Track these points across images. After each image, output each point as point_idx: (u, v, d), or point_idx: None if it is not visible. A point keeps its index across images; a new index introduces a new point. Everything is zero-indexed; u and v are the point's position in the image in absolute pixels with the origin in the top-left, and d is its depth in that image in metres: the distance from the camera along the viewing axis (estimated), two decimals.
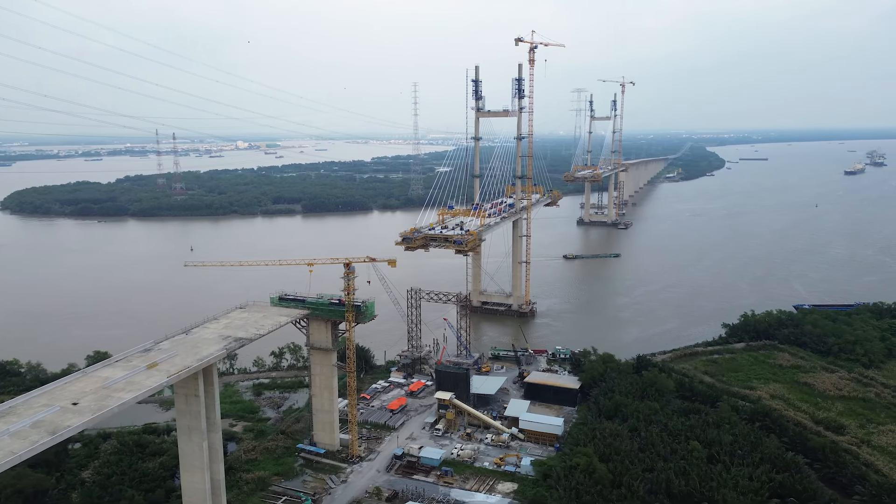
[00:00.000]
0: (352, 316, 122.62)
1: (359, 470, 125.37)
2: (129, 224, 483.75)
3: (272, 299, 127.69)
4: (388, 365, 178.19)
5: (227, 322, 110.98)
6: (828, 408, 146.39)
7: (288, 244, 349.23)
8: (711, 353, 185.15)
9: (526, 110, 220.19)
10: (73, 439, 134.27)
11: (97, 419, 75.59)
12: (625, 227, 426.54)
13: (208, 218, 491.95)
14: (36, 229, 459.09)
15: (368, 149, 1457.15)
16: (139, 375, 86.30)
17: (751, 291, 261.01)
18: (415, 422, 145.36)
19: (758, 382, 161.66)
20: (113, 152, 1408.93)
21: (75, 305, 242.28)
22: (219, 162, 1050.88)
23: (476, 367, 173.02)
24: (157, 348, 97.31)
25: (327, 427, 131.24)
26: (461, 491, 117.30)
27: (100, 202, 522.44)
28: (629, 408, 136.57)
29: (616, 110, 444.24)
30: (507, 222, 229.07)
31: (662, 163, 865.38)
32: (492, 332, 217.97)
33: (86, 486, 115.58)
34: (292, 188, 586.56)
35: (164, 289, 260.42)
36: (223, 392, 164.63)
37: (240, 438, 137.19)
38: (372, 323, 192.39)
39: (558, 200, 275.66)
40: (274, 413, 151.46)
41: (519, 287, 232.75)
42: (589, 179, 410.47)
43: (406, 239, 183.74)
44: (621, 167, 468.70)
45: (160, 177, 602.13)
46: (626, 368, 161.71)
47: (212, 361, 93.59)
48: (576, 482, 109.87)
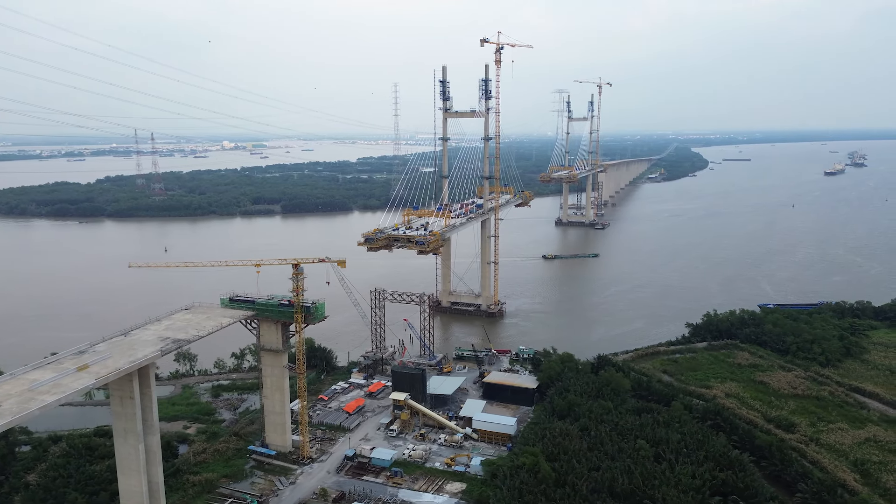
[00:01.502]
0: (301, 317, 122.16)
1: (309, 471, 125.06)
2: (106, 225, 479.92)
3: (222, 300, 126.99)
4: (351, 366, 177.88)
5: (168, 323, 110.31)
6: (780, 406, 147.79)
7: (261, 244, 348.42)
8: (673, 353, 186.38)
9: (493, 111, 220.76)
10: (22, 442, 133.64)
11: (16, 421, 74.92)
12: (602, 228, 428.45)
13: (187, 219, 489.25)
14: (9, 230, 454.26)
15: (355, 149, 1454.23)
16: (68, 378, 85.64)
17: (720, 291, 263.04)
18: (371, 423, 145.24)
19: (715, 381, 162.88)
20: (97, 152, 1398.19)
21: (41, 307, 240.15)
22: (203, 162, 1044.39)
23: (438, 367, 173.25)
24: (91, 350, 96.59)
25: (279, 428, 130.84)
26: (409, 491, 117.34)
27: (77, 203, 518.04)
28: (582, 407, 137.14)
29: (593, 111, 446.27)
30: (475, 223, 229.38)
31: (646, 163, 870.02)
32: (460, 333, 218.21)
33: (30, 490, 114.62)
34: (273, 189, 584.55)
35: (133, 290, 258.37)
36: (182, 394, 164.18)
37: (191, 440, 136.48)
38: (338, 324, 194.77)
39: (530, 201, 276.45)
40: (230, 415, 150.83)
41: (488, 287, 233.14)
42: (565, 180, 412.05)
43: (368, 240, 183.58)
44: (599, 168, 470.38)
45: (140, 177, 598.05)
46: (585, 368, 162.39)
47: (145, 363, 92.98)
48: (520, 481, 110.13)
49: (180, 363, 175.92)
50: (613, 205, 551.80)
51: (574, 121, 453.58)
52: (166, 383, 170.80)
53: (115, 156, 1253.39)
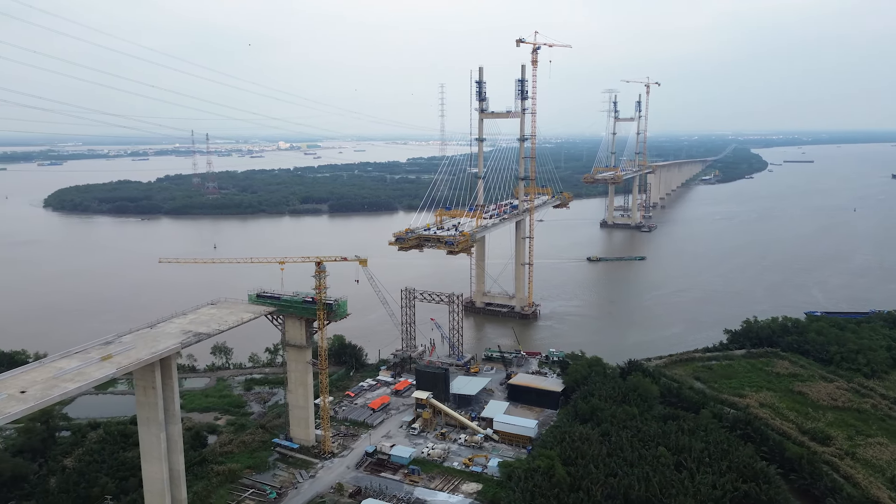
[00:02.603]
0: (323, 314, 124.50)
1: (329, 466, 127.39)
2: (163, 222, 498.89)
3: (250, 296, 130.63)
4: (380, 364, 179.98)
5: (193, 317, 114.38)
6: (817, 418, 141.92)
7: (306, 243, 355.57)
8: (709, 360, 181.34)
9: (529, 111, 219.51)
10: (63, 427, 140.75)
11: (38, 407, 79.25)
12: (648, 230, 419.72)
13: (238, 217, 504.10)
14: (72, 226, 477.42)
15: (407, 150, 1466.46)
16: (91, 367, 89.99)
17: (766, 297, 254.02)
18: (394, 420, 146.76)
19: (749, 390, 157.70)
20: (160, 152, 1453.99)
21: (93, 301, 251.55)
22: (258, 162, 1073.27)
23: (465, 367, 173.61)
24: (118, 341, 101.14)
25: (302, 423, 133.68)
26: (425, 490, 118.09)
27: (136, 200, 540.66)
28: (605, 412, 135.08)
29: (641, 111, 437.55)
30: (509, 224, 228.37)
31: (700, 165, 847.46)
32: (492, 334, 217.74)
33: (65, 473, 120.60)
34: (321, 188, 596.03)
35: (175, 285, 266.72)
36: (216, 386, 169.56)
37: (220, 431, 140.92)
38: (372, 322, 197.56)
39: (569, 202, 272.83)
40: (259, 408, 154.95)
41: (522, 289, 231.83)
42: (610, 181, 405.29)
43: (399, 239, 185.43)
44: (647, 169, 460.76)
45: (195, 176, 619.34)
46: (613, 373, 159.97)
47: (165, 355, 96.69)
48: (533, 484, 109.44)
49: (216, 356, 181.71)
50: (662, 207, 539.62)
51: (621, 121, 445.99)
52: (202, 375, 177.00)
53: (177, 155, 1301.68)
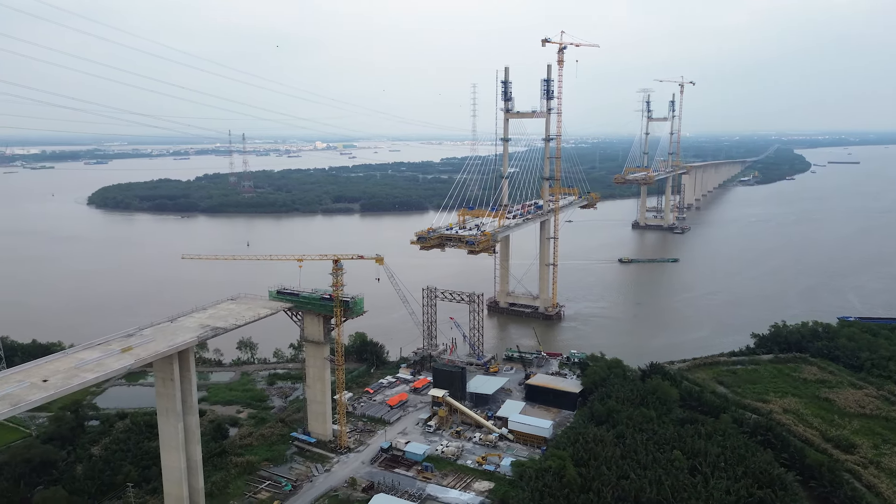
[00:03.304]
0: (340, 311, 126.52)
1: (345, 460, 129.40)
2: (200, 220, 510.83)
3: (270, 293, 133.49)
4: (401, 362, 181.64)
5: (212, 312, 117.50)
6: (843, 425, 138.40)
7: (333, 241, 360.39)
8: (734, 364, 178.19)
9: (554, 111, 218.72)
10: (92, 416, 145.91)
11: (57, 395, 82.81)
12: (681, 232, 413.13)
13: (272, 215, 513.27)
14: (113, 223, 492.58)
15: (441, 150, 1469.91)
16: (111, 358, 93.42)
17: (798, 301, 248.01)
18: (411, 417, 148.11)
19: (774, 396, 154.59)
20: (200, 151, 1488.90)
21: (125, 296, 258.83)
22: (295, 162, 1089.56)
23: (485, 367, 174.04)
24: (139, 333, 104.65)
25: (320, 417, 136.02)
26: (437, 486, 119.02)
27: (175, 198, 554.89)
28: (621, 414, 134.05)
29: (674, 111, 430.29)
30: (532, 224, 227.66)
31: (739, 166, 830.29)
32: (515, 334, 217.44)
33: (92, 460, 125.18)
34: (354, 188, 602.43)
35: (208, 280, 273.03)
36: (240, 380, 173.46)
37: (241, 424, 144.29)
38: (396, 321, 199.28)
39: (596, 203, 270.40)
40: (280, 402, 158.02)
41: (546, 289, 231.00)
42: (641, 182, 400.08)
43: (421, 238, 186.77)
44: (681, 170, 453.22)
45: (232, 175, 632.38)
46: (633, 375, 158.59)
47: (182, 348, 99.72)
48: (543, 484, 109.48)
49: (242, 351, 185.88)
50: (697, 208, 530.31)
51: (655, 121, 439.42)
52: (228, 369, 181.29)
53: (216, 155, 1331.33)
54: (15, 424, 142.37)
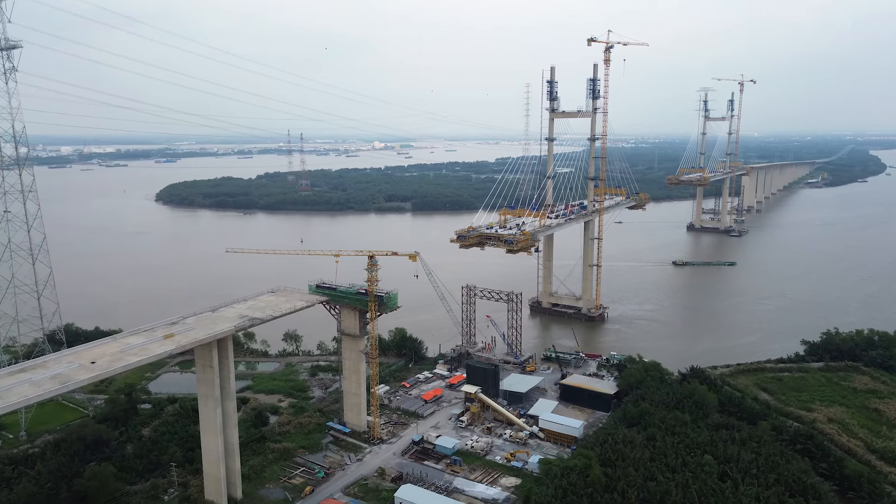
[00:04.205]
0: (374, 305, 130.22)
1: (377, 451, 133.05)
2: (259, 217, 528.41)
3: (310, 287, 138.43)
4: (438, 358, 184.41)
5: (252, 303, 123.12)
6: (891, 437, 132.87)
7: (382, 238, 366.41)
8: (781, 371, 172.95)
9: (600, 111, 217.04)
10: (145, 400, 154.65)
11: (102, 376, 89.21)
12: (738, 235, 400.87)
13: (327, 213, 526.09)
14: (177, 219, 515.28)
15: (498, 150, 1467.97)
16: (154, 343, 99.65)
17: (858, 309, 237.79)
18: (444, 412, 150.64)
19: (819, 404, 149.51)
20: (263, 151, 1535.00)
21: (183, 287, 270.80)
22: (353, 161, 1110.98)
23: (521, 366, 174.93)
24: (182, 322, 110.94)
25: (355, 408, 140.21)
26: (464, 480, 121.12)
27: (235, 196, 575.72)
28: (654, 416, 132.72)
29: (733, 110, 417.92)
30: (576, 224, 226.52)
31: (807, 167, 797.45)
32: (557, 334, 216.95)
33: (142, 441, 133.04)
34: (407, 187, 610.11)
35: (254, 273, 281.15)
36: (284, 370, 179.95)
37: (281, 412, 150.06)
38: (438, 318, 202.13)
39: (645, 204, 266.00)
40: (320, 393, 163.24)
41: (589, 290, 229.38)
42: (695, 183, 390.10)
43: (461, 237, 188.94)
44: (740, 171, 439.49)
45: (290, 174, 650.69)
46: (671, 378, 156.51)
47: (220, 336, 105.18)
48: (567, 482, 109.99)
49: (288, 343, 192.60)
50: (758, 211, 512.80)
51: (713, 120, 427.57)
52: (273, 360, 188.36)
53: (278, 154, 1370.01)
54: (75, 405, 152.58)
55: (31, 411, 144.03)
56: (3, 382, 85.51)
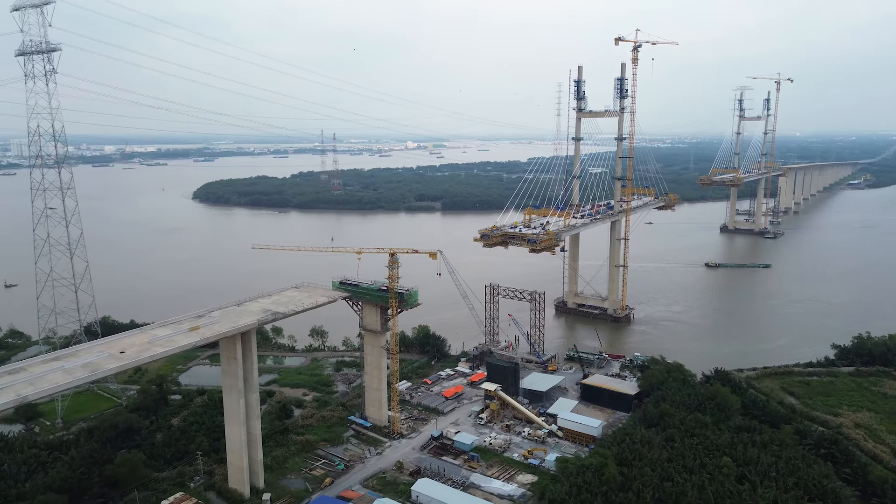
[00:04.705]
0: (395, 302, 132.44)
1: (397, 445, 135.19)
2: (292, 215, 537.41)
3: (333, 283, 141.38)
4: (461, 355, 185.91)
5: (276, 298, 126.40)
6: None
7: (410, 237, 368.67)
8: (809, 375, 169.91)
9: (628, 110, 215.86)
10: (175, 391, 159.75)
11: (129, 366, 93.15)
12: (774, 237, 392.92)
13: (358, 212, 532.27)
14: (213, 217, 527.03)
15: (531, 149, 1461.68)
16: (180, 335, 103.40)
17: (895, 313, 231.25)
18: (464, 409, 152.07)
19: (847, 409, 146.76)
20: (298, 150, 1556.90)
21: (215, 282, 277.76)
22: (386, 161, 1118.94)
23: (543, 365, 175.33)
24: (208, 315, 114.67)
25: (376, 403, 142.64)
26: (481, 476, 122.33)
27: (269, 195, 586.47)
28: (674, 418, 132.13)
29: (769, 109, 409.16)
30: (601, 224, 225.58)
31: (849, 168, 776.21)
32: (581, 335, 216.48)
33: (171, 430, 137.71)
34: (437, 187, 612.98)
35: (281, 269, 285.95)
36: (310, 365, 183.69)
37: (305, 406, 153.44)
38: (460, 316, 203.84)
39: (674, 204, 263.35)
40: (344, 387, 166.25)
41: (615, 291, 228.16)
42: (728, 184, 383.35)
43: (484, 236, 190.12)
44: (776, 171, 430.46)
45: (323, 173, 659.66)
46: (693, 380, 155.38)
47: (243, 330, 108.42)
48: (582, 480, 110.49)
49: (314, 338, 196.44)
50: (796, 212, 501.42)
51: (748, 120, 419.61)
52: (300, 355, 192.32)
53: (313, 154, 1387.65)
54: (109, 395, 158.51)
55: (68, 399, 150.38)
56: (38, 370, 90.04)
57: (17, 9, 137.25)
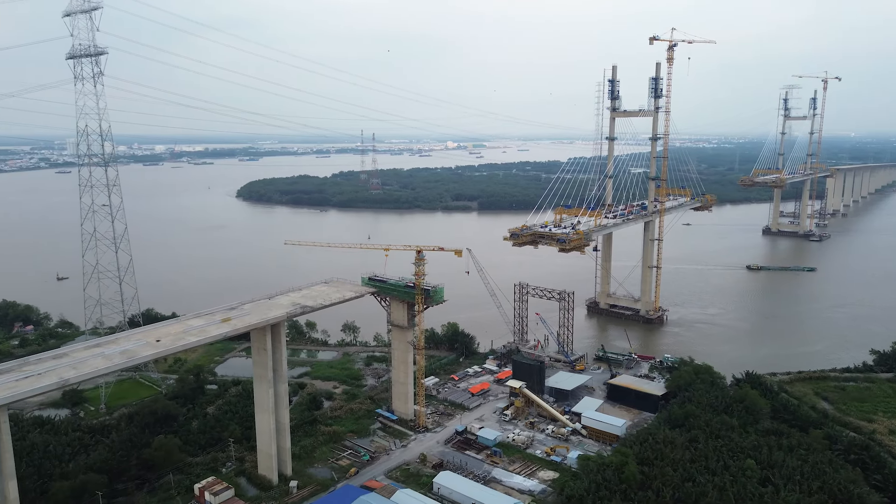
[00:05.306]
0: (421, 298, 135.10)
1: (421, 439, 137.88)
2: (331, 213, 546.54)
3: (363, 279, 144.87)
4: (489, 353, 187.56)
5: (306, 292, 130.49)
6: None
7: (444, 235, 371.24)
8: (845, 380, 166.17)
9: (662, 110, 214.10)
10: (211, 381, 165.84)
11: (163, 354, 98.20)
12: (819, 239, 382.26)
13: (396, 211, 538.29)
14: (255, 215, 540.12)
15: (572, 149, 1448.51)
16: (212, 326, 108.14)
17: None
18: (489, 406, 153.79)
19: (882, 416, 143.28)
20: (341, 150, 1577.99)
21: (251, 277, 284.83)
22: (425, 161, 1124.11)
23: (571, 364, 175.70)
24: (240, 307, 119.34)
25: (402, 397, 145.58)
26: (502, 471, 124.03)
27: (310, 193, 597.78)
28: (699, 419, 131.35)
29: (815, 109, 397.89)
30: (634, 224, 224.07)
31: None
32: (612, 335, 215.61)
33: (206, 418, 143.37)
34: (474, 186, 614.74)
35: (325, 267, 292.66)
36: (341, 359, 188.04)
37: (334, 398, 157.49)
38: (490, 314, 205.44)
39: (711, 205, 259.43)
40: (373, 381, 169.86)
41: (648, 292, 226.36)
42: (770, 185, 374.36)
43: (514, 235, 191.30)
44: (823, 172, 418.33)
45: (363, 173, 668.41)
46: (722, 382, 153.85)
47: (272, 322, 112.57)
48: (602, 477, 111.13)
49: (346, 333, 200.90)
50: (844, 215, 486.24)
51: (793, 120, 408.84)
52: (332, 349, 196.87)
53: (354, 154, 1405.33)
54: (150, 383, 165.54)
55: (111, 387, 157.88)
56: (80, 355, 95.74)
57: (68, 14, 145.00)
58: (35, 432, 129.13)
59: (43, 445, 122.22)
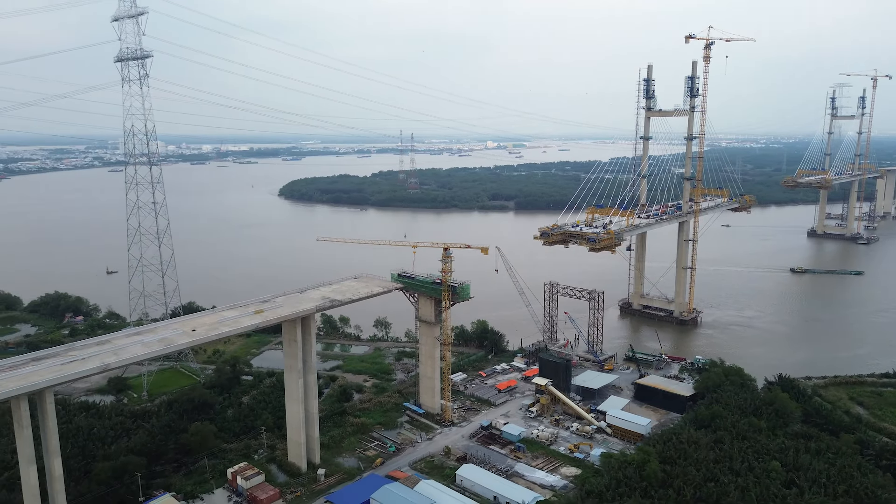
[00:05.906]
0: (448, 295, 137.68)
1: (447, 432, 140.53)
2: (370, 212, 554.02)
3: (392, 275, 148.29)
4: (518, 351, 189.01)
5: (336, 287, 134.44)
6: None
7: (479, 234, 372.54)
8: (883, 385, 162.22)
9: (698, 109, 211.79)
10: (247, 372, 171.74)
11: (197, 343, 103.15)
12: (867, 242, 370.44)
13: (433, 210, 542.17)
14: (296, 213, 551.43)
15: (614, 149, 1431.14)
16: (245, 317, 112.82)
17: None
18: (515, 402, 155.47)
19: None
20: (381, 150, 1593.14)
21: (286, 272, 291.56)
22: (464, 161, 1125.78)
23: (599, 363, 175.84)
24: (273, 300, 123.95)
25: (429, 391, 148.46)
26: (525, 466, 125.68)
27: (350, 192, 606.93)
28: (726, 420, 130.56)
29: (864, 107, 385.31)
30: (668, 224, 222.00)
31: None
32: (645, 336, 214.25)
33: (241, 406, 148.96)
34: (512, 186, 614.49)
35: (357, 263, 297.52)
36: (372, 354, 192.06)
37: (364, 391, 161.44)
38: (521, 313, 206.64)
39: (750, 206, 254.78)
40: (403, 376, 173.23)
41: (682, 293, 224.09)
42: (816, 185, 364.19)
43: (544, 234, 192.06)
44: (873, 173, 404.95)
45: (401, 173, 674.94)
46: (752, 384, 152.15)
47: (302, 315, 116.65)
48: (623, 474, 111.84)
49: (378, 329, 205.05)
50: (895, 218, 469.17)
51: (841, 119, 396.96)
52: (364, 343, 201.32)
53: (394, 154, 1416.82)
54: (190, 373, 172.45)
55: (153, 375, 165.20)
56: (121, 342, 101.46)
57: (116, 19, 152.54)
58: (81, 416, 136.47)
59: (88, 428, 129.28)
